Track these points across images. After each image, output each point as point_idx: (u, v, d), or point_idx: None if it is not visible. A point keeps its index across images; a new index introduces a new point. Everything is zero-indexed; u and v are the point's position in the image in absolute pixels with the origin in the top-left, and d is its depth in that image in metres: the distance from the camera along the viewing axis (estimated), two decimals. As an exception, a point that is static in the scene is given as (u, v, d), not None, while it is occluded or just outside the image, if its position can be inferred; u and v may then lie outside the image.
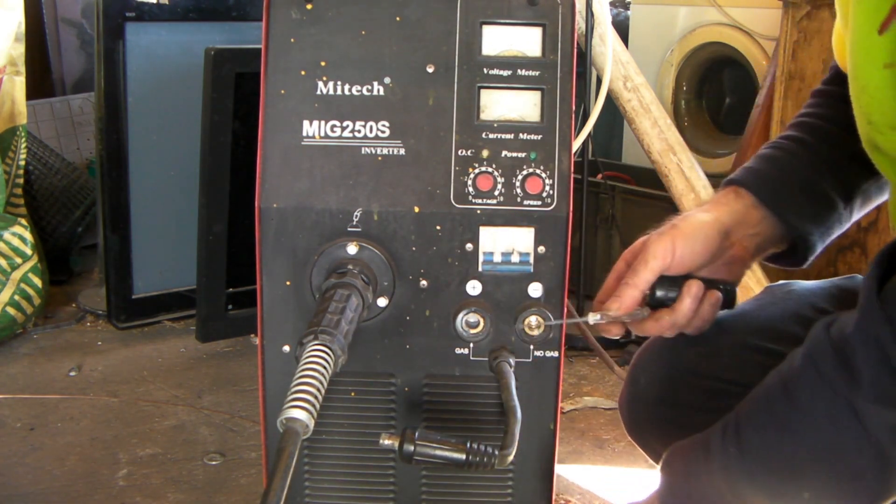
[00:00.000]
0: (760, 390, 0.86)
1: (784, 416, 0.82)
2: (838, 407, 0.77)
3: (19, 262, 2.25)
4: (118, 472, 1.68)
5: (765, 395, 0.85)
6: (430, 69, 0.90)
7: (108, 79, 2.22)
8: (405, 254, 0.90)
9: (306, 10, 0.91)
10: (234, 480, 1.65)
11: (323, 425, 0.94)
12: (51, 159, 2.79)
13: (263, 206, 0.90)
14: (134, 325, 2.37)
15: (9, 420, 1.88)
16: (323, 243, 0.90)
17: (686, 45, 2.98)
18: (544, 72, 0.90)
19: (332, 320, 0.80)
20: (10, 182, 2.29)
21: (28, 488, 1.62)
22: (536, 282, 0.91)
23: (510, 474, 0.97)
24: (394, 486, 0.97)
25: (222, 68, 2.00)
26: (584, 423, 1.92)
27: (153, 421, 1.88)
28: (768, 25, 2.67)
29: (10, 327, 2.25)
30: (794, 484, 0.83)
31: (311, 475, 0.97)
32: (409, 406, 0.94)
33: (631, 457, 1.78)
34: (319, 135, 0.90)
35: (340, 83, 0.90)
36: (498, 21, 0.91)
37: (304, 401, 0.71)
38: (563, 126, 0.90)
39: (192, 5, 2.30)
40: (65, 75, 3.50)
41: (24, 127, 2.32)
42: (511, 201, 0.89)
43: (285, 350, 0.93)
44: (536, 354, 0.93)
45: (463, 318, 0.91)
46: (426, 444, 0.77)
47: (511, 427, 0.80)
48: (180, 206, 2.33)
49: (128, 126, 2.27)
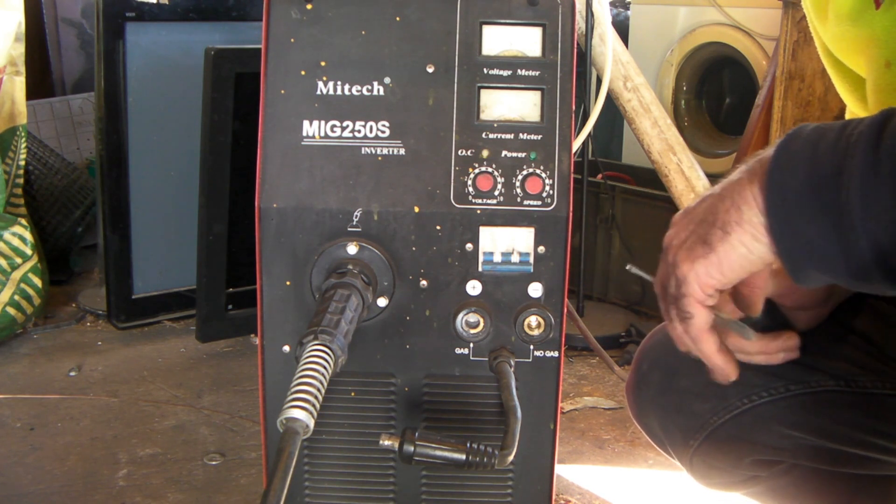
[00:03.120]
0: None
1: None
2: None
3: (19, 262, 2.25)
4: (118, 472, 1.67)
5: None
6: (430, 69, 0.90)
7: (108, 79, 2.22)
8: (405, 254, 0.90)
9: (306, 10, 0.91)
10: (234, 480, 1.65)
11: (323, 425, 0.94)
12: (51, 159, 2.79)
13: (263, 206, 0.90)
14: (134, 325, 2.37)
15: (9, 420, 1.88)
16: (323, 243, 0.90)
17: (686, 45, 2.98)
18: (544, 72, 0.90)
19: (332, 320, 0.80)
20: (10, 182, 2.29)
21: (28, 488, 1.62)
22: (536, 282, 0.91)
23: (510, 474, 0.97)
24: (394, 486, 0.97)
25: (222, 68, 2.00)
26: (584, 423, 1.92)
27: (153, 421, 1.88)
28: (768, 25, 2.67)
29: (10, 327, 2.25)
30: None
31: (311, 475, 0.97)
32: (409, 406, 0.94)
33: (631, 457, 1.78)
34: (319, 135, 0.90)
35: (340, 83, 0.90)
36: (498, 21, 0.91)
37: (304, 401, 0.71)
38: (563, 126, 0.90)
39: (192, 5, 2.30)
40: (65, 75, 3.50)
41: (24, 127, 2.32)
42: (511, 201, 0.90)
43: (285, 350, 0.93)
44: (536, 354, 0.93)
45: (463, 318, 0.91)
46: (426, 444, 0.77)
47: (511, 427, 0.81)
48: (180, 206, 2.33)
49: (128, 126, 2.27)
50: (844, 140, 0.71)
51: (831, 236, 0.71)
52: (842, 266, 0.72)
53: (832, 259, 0.72)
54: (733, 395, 1.02)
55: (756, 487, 1.12)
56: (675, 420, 1.06)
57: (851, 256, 0.71)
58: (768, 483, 1.10)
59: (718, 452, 1.05)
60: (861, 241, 0.70)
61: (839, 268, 0.72)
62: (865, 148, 0.69)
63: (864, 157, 0.69)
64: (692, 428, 1.05)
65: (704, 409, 1.04)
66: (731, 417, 1.03)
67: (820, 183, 0.71)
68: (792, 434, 1.02)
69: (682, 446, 1.07)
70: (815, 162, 0.72)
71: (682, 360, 1.05)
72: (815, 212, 0.71)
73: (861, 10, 0.91)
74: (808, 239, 0.72)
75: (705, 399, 1.04)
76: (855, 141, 0.70)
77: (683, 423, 1.06)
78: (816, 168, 0.71)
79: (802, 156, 0.73)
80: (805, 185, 0.72)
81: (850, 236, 0.70)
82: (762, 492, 1.12)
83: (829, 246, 0.72)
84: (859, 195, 0.69)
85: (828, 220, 0.71)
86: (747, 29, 2.77)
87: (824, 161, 0.71)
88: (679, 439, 1.07)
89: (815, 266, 0.74)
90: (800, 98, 2.27)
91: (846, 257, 0.71)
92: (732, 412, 1.03)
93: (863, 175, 0.69)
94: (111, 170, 2.27)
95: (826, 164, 0.71)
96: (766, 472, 1.09)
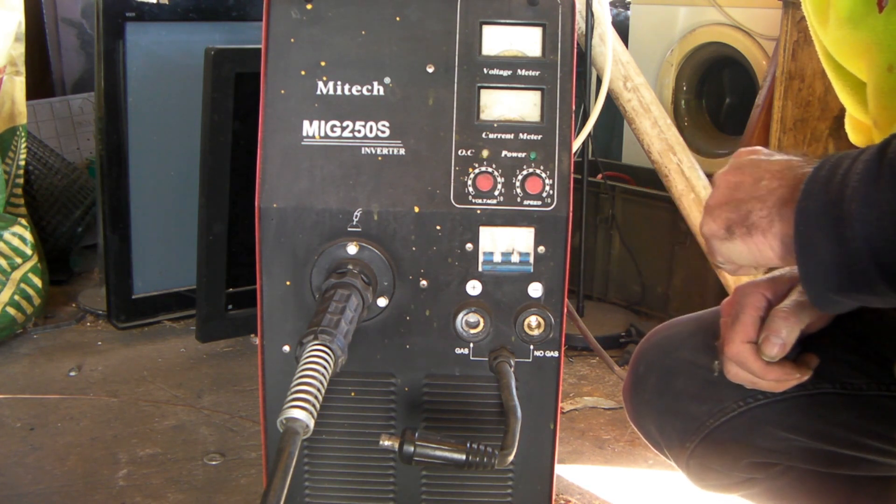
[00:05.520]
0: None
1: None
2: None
3: (19, 262, 2.25)
4: (118, 472, 1.67)
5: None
6: (430, 69, 0.90)
7: (108, 79, 2.22)
8: (405, 254, 0.90)
9: (306, 10, 0.91)
10: (234, 480, 1.65)
11: (323, 425, 0.94)
12: (51, 159, 2.79)
13: (263, 206, 0.90)
14: (134, 325, 2.37)
15: (9, 420, 1.88)
16: (323, 243, 0.90)
17: (686, 45, 2.98)
18: (544, 72, 0.90)
19: (331, 320, 0.80)
20: (10, 182, 2.29)
21: (28, 488, 1.62)
22: (536, 282, 0.91)
23: (510, 474, 0.97)
24: (394, 486, 0.97)
25: (222, 68, 2.00)
26: (584, 423, 1.92)
27: (153, 421, 1.88)
28: (768, 25, 2.67)
29: (10, 327, 2.25)
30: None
31: (311, 475, 0.97)
32: (409, 406, 0.94)
33: (631, 457, 1.78)
34: (319, 135, 0.90)
35: (340, 83, 0.90)
36: (498, 21, 0.91)
37: (304, 401, 0.71)
38: (563, 126, 0.90)
39: (192, 5, 2.30)
40: (65, 75, 3.50)
41: (24, 127, 2.32)
42: (511, 201, 0.89)
43: (285, 350, 0.93)
44: (536, 354, 0.93)
45: (463, 318, 0.91)
46: (426, 444, 0.77)
47: (511, 427, 0.81)
48: (180, 206, 2.33)
49: (128, 126, 2.27)
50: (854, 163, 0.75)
51: (833, 245, 0.74)
52: (844, 272, 0.74)
53: (836, 267, 0.75)
54: (729, 397, 1.02)
55: (752, 489, 1.12)
56: (671, 422, 1.07)
57: (852, 261, 0.73)
58: (765, 485, 1.11)
59: (714, 455, 1.05)
60: (860, 245, 0.72)
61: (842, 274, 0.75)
62: (869, 166, 0.73)
63: (868, 172, 0.72)
64: (688, 430, 1.05)
65: (700, 412, 1.04)
66: (726, 420, 1.03)
67: (830, 202, 0.75)
68: (788, 436, 1.02)
69: (678, 448, 1.07)
70: (828, 185, 0.76)
71: (678, 363, 1.06)
72: (821, 228, 0.75)
73: (863, 13, 0.91)
74: (818, 257, 0.75)
75: (701, 401, 1.04)
76: (863, 158, 0.74)
77: (680, 425, 1.06)
78: (829, 191, 0.75)
79: (821, 180, 0.77)
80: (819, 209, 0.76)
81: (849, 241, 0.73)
82: (758, 493, 1.12)
83: (832, 255, 0.74)
84: (857, 205, 0.72)
85: (833, 231, 0.74)
86: (747, 29, 2.77)
87: (835, 184, 0.75)
88: (675, 441, 1.07)
89: (826, 280, 0.77)
90: (800, 98, 2.27)
91: (849, 263, 0.73)
92: (728, 415, 1.03)
93: (864, 186, 0.72)
94: (111, 170, 2.27)
95: (836, 187, 0.75)
96: (763, 474, 1.09)
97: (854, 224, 0.73)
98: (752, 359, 0.94)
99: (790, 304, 0.94)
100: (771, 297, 0.96)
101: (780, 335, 0.92)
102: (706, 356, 1.03)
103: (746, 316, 0.95)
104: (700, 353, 1.04)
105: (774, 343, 0.92)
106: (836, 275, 0.75)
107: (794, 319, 0.93)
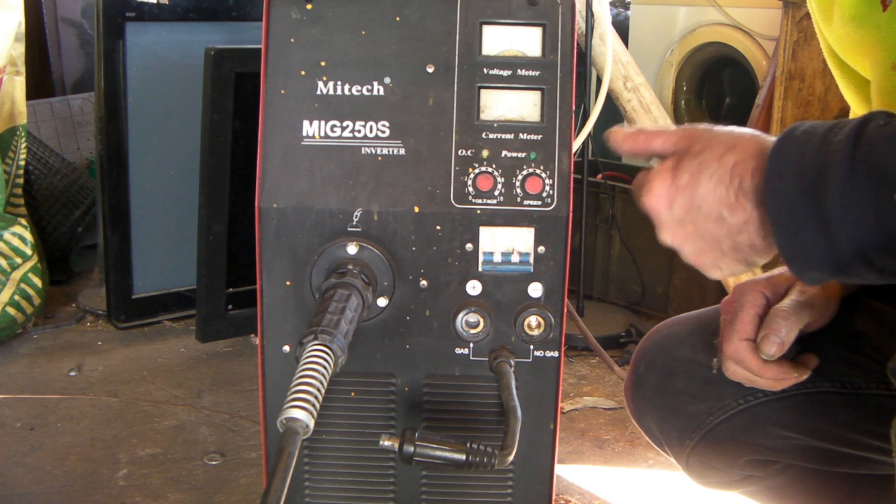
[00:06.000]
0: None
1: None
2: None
3: (19, 262, 2.25)
4: (118, 472, 1.68)
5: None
6: (430, 69, 0.90)
7: (108, 79, 2.22)
8: (405, 254, 0.90)
9: (306, 9, 0.91)
10: (234, 480, 1.65)
11: (323, 425, 0.94)
12: (51, 159, 2.79)
13: (263, 206, 0.90)
14: (134, 325, 2.37)
15: (9, 420, 1.88)
16: (323, 243, 0.90)
17: (686, 45, 2.98)
18: (544, 72, 0.90)
19: (331, 320, 0.80)
20: (10, 182, 2.29)
21: (28, 488, 1.62)
22: (536, 282, 0.91)
23: (510, 474, 0.97)
24: (394, 486, 0.97)
25: (222, 68, 2.00)
26: (584, 423, 1.92)
27: (153, 421, 1.88)
28: (768, 25, 2.67)
29: (10, 327, 2.25)
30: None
31: (311, 475, 0.97)
32: (409, 406, 0.94)
33: (631, 457, 1.78)
34: (319, 135, 0.90)
35: (340, 83, 0.90)
36: (498, 21, 0.91)
37: (304, 401, 0.71)
38: (563, 126, 0.90)
39: (192, 5, 2.30)
40: (65, 75, 3.50)
41: (24, 127, 2.32)
42: (511, 201, 0.89)
43: (285, 350, 0.93)
44: (536, 354, 0.93)
45: (463, 318, 0.91)
46: (426, 444, 0.77)
47: (511, 427, 0.80)
48: (180, 206, 2.33)
49: (128, 126, 2.27)
50: (825, 147, 0.73)
51: (820, 241, 0.73)
52: (833, 266, 0.74)
53: (825, 262, 0.74)
54: (728, 395, 1.03)
55: (752, 487, 1.12)
56: (671, 420, 1.07)
57: (839, 258, 0.73)
58: (764, 483, 1.11)
59: (714, 453, 1.06)
60: (844, 245, 0.72)
61: (831, 268, 0.74)
62: (842, 157, 0.71)
63: (842, 165, 0.71)
64: (688, 428, 1.05)
65: (700, 410, 1.04)
66: (726, 418, 1.03)
67: (806, 189, 0.73)
68: (787, 434, 1.02)
69: (678, 446, 1.08)
70: (801, 168, 0.74)
71: (678, 361, 1.06)
72: (804, 219, 0.74)
73: (868, 11, 0.91)
74: (805, 246, 0.74)
75: (701, 400, 1.04)
76: (834, 150, 0.72)
77: (680, 423, 1.06)
78: (803, 174, 0.73)
79: (792, 161, 0.74)
80: (795, 194, 0.74)
81: (835, 240, 0.72)
82: (758, 491, 1.12)
83: (819, 250, 0.73)
84: (838, 203, 0.71)
85: (817, 225, 0.73)
86: (747, 29, 2.77)
87: (809, 168, 0.73)
88: (676, 439, 1.07)
89: (813, 267, 0.76)
90: (800, 98, 2.27)
91: (836, 259, 0.73)
92: (728, 413, 1.03)
93: (841, 183, 0.71)
94: (111, 170, 2.27)
95: (810, 171, 0.73)
96: (762, 472, 1.09)
97: (836, 222, 0.72)
98: (751, 357, 0.94)
99: (789, 303, 0.94)
100: (770, 295, 0.96)
101: (779, 334, 0.92)
102: (706, 354, 1.03)
103: (745, 314, 0.95)
104: (700, 352, 1.05)
105: (773, 341, 0.92)
106: (822, 266, 0.75)
107: (794, 318, 0.93)
